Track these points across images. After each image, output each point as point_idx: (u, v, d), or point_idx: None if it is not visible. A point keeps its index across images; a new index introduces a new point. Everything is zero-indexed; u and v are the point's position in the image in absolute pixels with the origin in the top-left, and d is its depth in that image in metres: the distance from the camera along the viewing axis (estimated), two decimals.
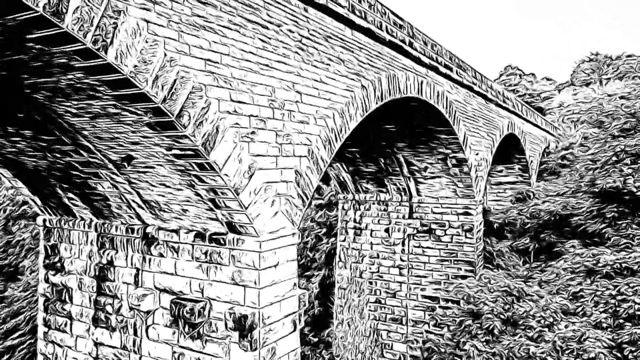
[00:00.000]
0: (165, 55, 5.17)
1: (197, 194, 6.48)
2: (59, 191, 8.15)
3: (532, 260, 13.71)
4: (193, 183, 6.31)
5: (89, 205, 8.04)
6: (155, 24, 5.07)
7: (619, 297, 9.58)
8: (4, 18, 4.24)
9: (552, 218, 13.51)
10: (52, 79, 5.25)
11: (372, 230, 17.40)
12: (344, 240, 17.97)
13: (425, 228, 16.44)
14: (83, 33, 4.39)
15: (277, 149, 6.88)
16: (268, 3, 6.67)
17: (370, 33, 9.18)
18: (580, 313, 9.88)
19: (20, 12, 4.13)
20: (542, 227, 14.30)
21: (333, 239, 20.53)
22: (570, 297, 10.44)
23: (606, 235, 11.75)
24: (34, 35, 4.47)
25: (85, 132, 6.24)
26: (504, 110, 19.15)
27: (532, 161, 24.56)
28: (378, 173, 16.54)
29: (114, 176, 7.00)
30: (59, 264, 8.71)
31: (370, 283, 17.33)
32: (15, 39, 4.52)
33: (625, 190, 11.61)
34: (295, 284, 7.21)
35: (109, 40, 4.59)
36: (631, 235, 11.26)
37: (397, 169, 16.01)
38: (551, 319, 9.91)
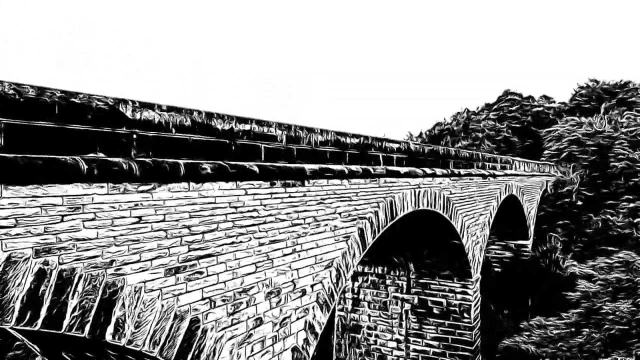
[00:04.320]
0: (162, 306, 5.24)
1: None
2: None
3: None
4: None
5: None
6: (151, 280, 5.14)
7: None
8: None
9: None
10: None
11: (369, 302, 17.49)
12: (342, 310, 18.06)
13: (422, 304, 16.53)
14: (81, 328, 4.45)
15: (275, 336, 6.95)
16: (264, 198, 6.74)
17: (367, 173, 9.24)
18: None
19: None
20: None
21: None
22: None
23: None
24: None
25: None
26: (502, 176, 19.22)
27: (529, 212, 24.66)
28: (377, 247, 16.60)
29: None
30: None
31: (368, 355, 17.43)
32: None
33: None
34: None
35: (106, 325, 4.65)
36: None
37: (396, 245, 16.08)
38: None
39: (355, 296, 17.76)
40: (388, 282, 17.14)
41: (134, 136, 4.93)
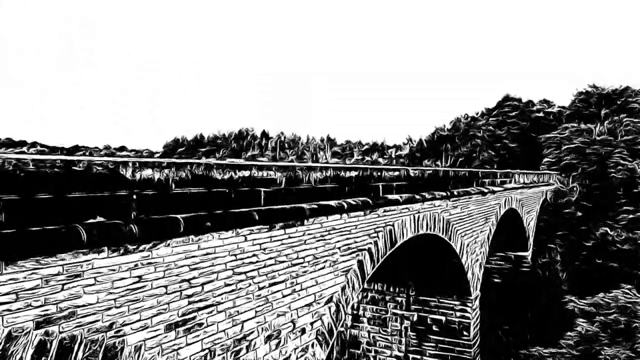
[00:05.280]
0: None
1: None
2: None
3: None
4: None
5: None
6: (151, 337, 5.16)
7: None
8: None
9: None
10: None
11: (369, 318, 17.52)
12: (341, 326, 18.08)
13: (422, 321, 16.56)
14: None
15: None
16: (264, 242, 6.75)
17: (366, 205, 9.25)
18: None
19: None
20: None
21: None
22: None
23: None
24: None
25: None
26: (502, 191, 19.24)
27: (529, 223, 24.67)
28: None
29: None
30: None
31: None
32: None
33: None
34: None
35: None
36: None
37: (395, 265, 16.11)
38: None
39: (355, 312, 17.79)
40: (388, 298, 17.16)
41: (134, 196, 4.94)
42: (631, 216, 23.47)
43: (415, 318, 16.65)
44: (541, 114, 45.51)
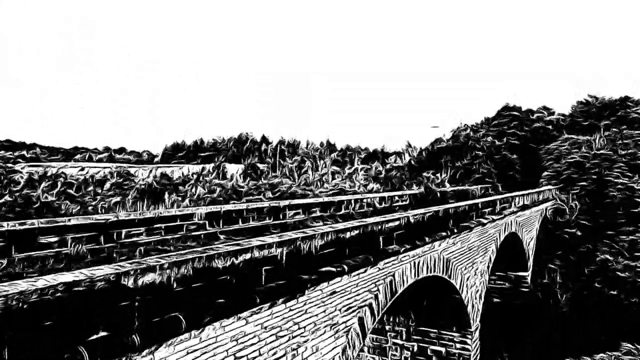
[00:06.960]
0: None
1: None
2: None
3: None
4: None
5: None
6: None
7: None
8: None
9: None
10: None
11: (369, 347, 17.54)
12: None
13: (422, 352, 16.59)
14: None
15: None
16: (265, 320, 6.77)
17: (366, 262, 9.26)
18: None
19: None
20: None
21: None
22: None
23: None
24: None
25: None
26: (501, 218, 19.25)
27: (529, 243, 24.70)
28: None
29: None
30: None
31: None
32: None
33: None
34: None
35: None
36: None
37: (395, 299, 16.13)
38: None
39: None
40: (387, 328, 17.19)
41: (136, 304, 4.95)
42: (631, 237, 23.51)
43: (415, 349, 16.68)
44: (541, 123, 45.51)
